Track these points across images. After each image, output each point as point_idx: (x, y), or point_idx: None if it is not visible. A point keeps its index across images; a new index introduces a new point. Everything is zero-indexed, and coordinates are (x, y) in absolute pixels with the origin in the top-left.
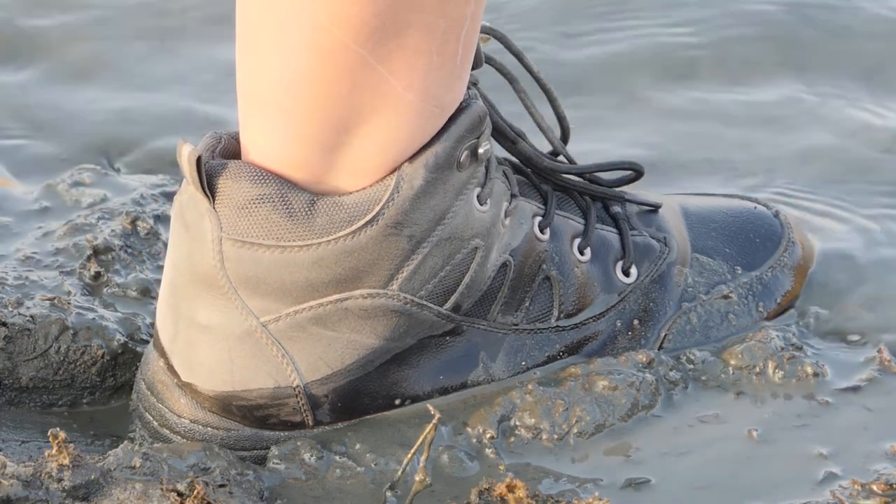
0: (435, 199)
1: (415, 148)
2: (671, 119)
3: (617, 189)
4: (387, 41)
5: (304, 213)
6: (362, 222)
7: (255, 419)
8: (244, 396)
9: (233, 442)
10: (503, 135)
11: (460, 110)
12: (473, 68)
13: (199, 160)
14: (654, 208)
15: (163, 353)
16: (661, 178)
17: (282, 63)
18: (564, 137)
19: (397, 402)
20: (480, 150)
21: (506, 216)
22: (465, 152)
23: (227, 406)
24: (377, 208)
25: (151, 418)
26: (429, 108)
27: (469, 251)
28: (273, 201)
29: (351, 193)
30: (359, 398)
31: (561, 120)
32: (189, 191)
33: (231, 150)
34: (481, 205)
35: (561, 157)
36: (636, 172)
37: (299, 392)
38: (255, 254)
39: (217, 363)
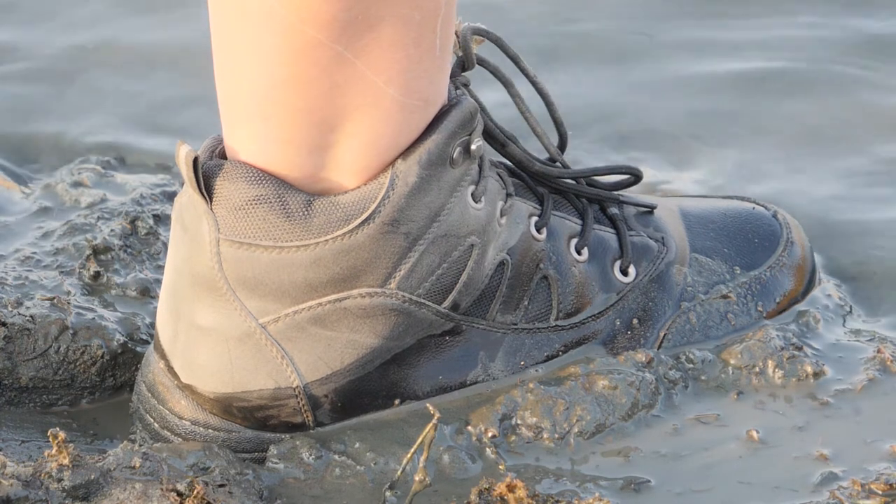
0: (429, 195)
1: (403, 143)
2: None
3: (613, 192)
4: (361, 35)
5: (300, 214)
6: (359, 221)
7: (256, 420)
8: (244, 398)
9: (234, 444)
10: (494, 138)
11: (451, 106)
12: (465, 70)
13: (195, 161)
14: (650, 209)
15: (163, 355)
16: None
17: (258, 70)
18: (562, 144)
19: (397, 401)
20: (473, 147)
21: (501, 215)
22: (458, 149)
23: (228, 407)
24: (373, 206)
25: (152, 420)
26: (412, 102)
27: (465, 248)
28: (270, 202)
29: (346, 192)
30: (359, 398)
31: (558, 126)
32: (188, 192)
33: None
34: (476, 202)
35: (557, 164)
36: (635, 177)
37: (299, 392)
38: (252, 255)
39: (217, 365)
